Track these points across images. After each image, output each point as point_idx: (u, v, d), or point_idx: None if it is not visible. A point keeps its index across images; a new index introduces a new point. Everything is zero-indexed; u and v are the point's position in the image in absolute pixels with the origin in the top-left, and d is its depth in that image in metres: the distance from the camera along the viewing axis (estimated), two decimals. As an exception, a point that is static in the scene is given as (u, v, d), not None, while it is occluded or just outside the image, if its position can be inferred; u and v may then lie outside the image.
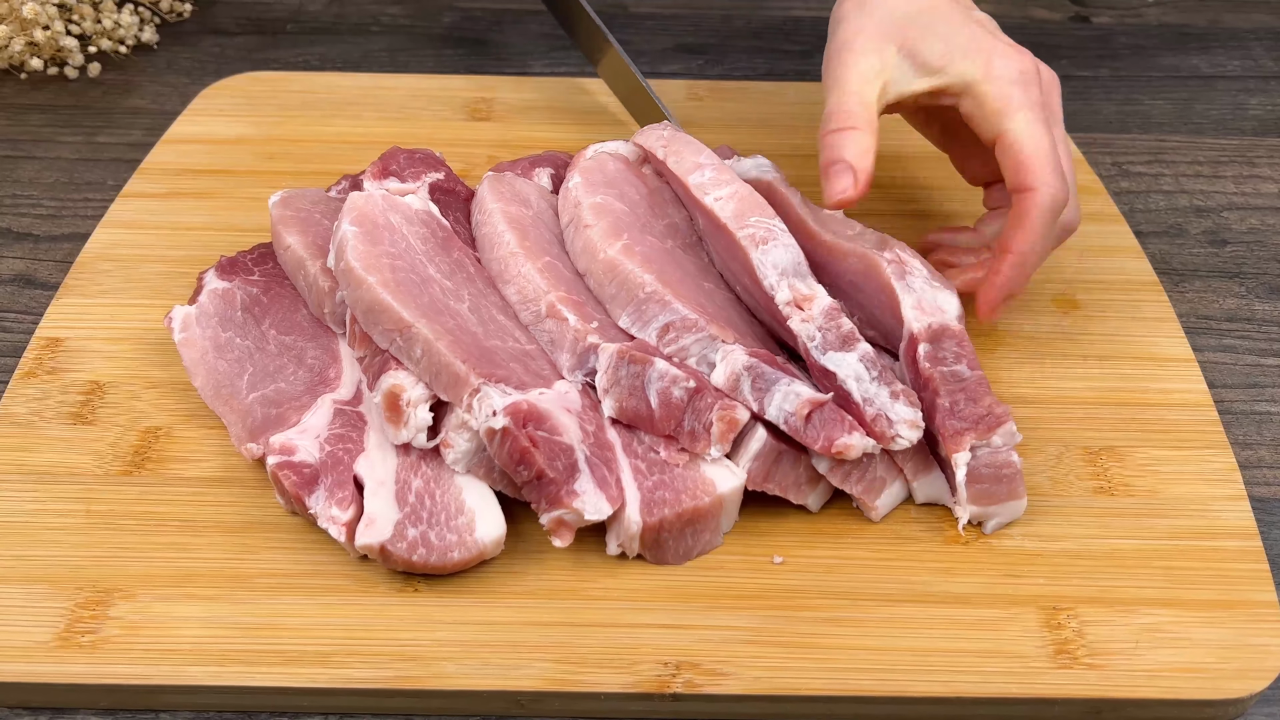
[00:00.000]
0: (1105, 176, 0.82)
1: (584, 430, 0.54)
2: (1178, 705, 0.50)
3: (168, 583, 0.53)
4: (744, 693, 0.50)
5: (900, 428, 0.53)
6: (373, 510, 0.52)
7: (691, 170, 0.62)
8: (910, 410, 0.54)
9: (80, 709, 0.51)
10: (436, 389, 0.54)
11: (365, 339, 0.56)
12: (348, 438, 0.55)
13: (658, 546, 0.53)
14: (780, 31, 1.00)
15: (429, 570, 0.52)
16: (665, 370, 0.54)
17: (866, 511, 0.56)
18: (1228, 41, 1.00)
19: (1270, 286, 0.74)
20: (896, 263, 0.58)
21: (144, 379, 0.62)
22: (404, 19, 1.00)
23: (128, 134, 0.85)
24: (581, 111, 0.84)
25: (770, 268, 0.57)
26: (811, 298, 0.57)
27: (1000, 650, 0.51)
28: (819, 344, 0.56)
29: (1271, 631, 0.52)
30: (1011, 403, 0.62)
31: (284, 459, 0.54)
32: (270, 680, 0.49)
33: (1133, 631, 0.52)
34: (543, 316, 0.58)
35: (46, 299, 0.69)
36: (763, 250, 0.57)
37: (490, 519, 0.53)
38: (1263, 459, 0.63)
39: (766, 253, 0.57)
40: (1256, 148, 0.86)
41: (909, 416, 0.54)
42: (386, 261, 0.56)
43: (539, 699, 0.50)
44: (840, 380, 0.54)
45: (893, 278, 0.57)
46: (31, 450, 0.58)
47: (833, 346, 0.55)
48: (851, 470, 0.54)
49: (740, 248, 0.58)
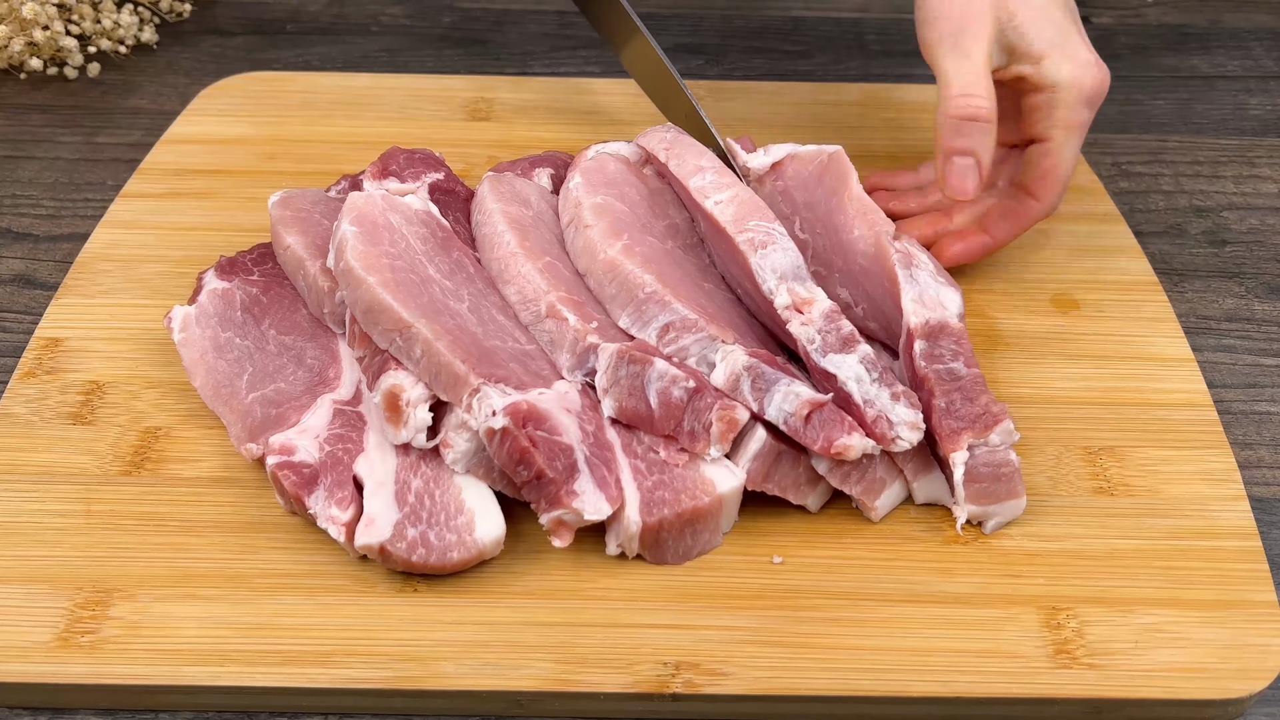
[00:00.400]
0: (1105, 176, 0.82)
1: (584, 430, 0.54)
2: (1178, 705, 0.50)
3: (167, 583, 0.53)
4: (744, 693, 0.50)
5: (901, 429, 0.53)
6: (372, 510, 0.52)
7: (692, 173, 0.62)
8: (911, 412, 0.54)
9: (80, 709, 0.51)
10: (436, 389, 0.54)
11: (365, 339, 0.56)
12: (347, 438, 0.55)
13: (657, 546, 0.53)
14: (780, 32, 1.00)
15: (429, 570, 0.52)
16: (665, 370, 0.54)
17: (866, 512, 0.56)
18: (1228, 41, 1.00)
19: (1270, 286, 0.74)
20: (904, 254, 0.58)
21: (144, 379, 0.62)
22: (404, 19, 1.00)
23: (127, 134, 0.85)
24: (581, 111, 0.84)
25: (769, 272, 0.57)
26: (811, 301, 0.57)
27: (1000, 650, 0.51)
28: (819, 346, 0.56)
29: (1271, 631, 0.52)
30: (1011, 403, 0.62)
31: (284, 459, 0.54)
32: (270, 680, 0.49)
33: (1133, 631, 0.52)
34: (543, 316, 0.58)
35: (46, 299, 0.69)
36: (761, 255, 0.58)
37: (490, 519, 0.53)
38: (1262, 459, 0.63)
39: (765, 257, 0.58)
40: (1256, 148, 0.86)
41: (909, 418, 0.54)
42: (386, 262, 0.56)
43: (539, 699, 0.50)
44: (841, 382, 0.54)
45: (898, 266, 0.57)
46: (31, 450, 0.58)
47: (833, 349, 0.55)
48: (851, 471, 0.54)
49: (739, 252, 0.58)
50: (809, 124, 0.83)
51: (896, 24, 1.02)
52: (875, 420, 0.53)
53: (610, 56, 0.95)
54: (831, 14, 1.03)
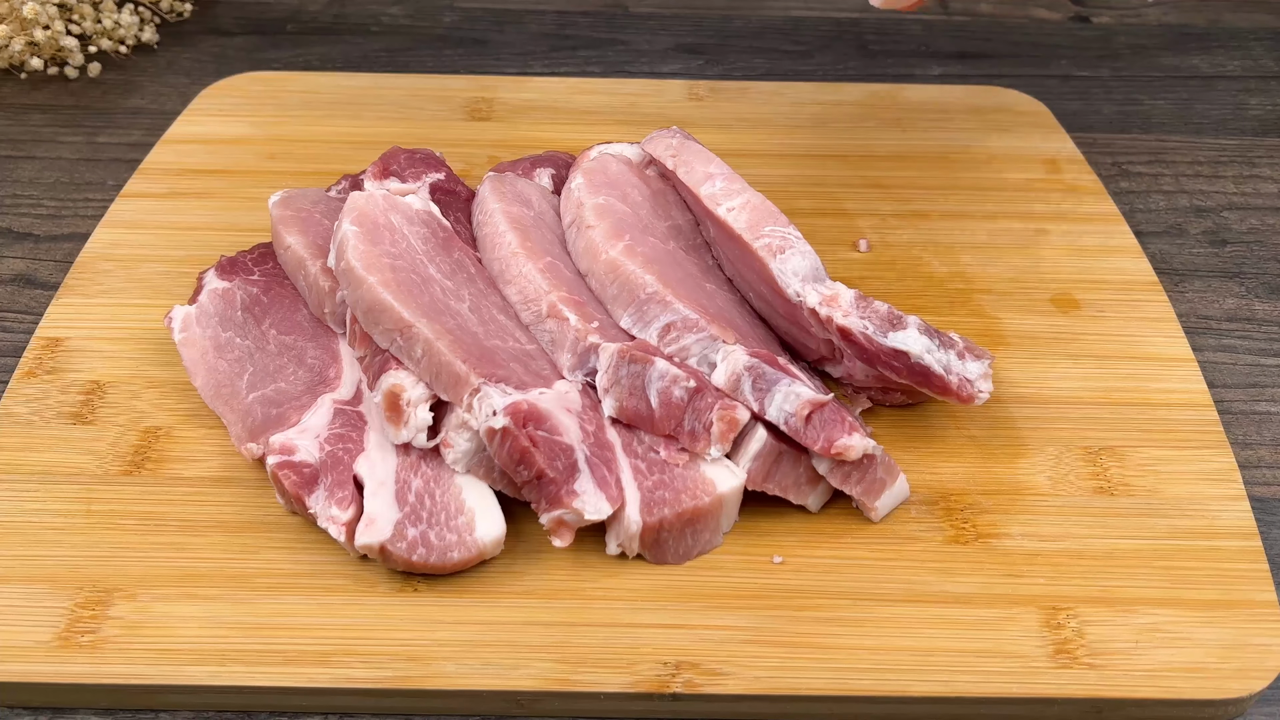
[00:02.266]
0: (1105, 176, 0.82)
1: (584, 430, 0.54)
2: (1178, 705, 0.50)
3: (168, 583, 0.53)
4: (744, 692, 0.50)
5: (980, 384, 0.54)
6: (373, 510, 0.52)
7: (702, 180, 0.62)
8: (979, 364, 0.54)
9: (80, 709, 0.51)
10: (437, 389, 0.54)
11: (365, 339, 0.56)
12: (348, 437, 0.55)
13: (658, 546, 0.53)
14: (780, 31, 1.00)
15: (429, 570, 0.52)
16: (666, 370, 0.54)
17: (866, 512, 0.56)
18: (1228, 41, 1.00)
19: (1270, 286, 0.74)
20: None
21: (144, 379, 0.62)
22: (404, 19, 1.00)
23: (128, 134, 0.85)
24: (581, 111, 0.84)
25: (791, 275, 0.57)
26: (836, 295, 0.57)
27: (1000, 650, 0.51)
28: (876, 330, 0.56)
29: (1271, 631, 0.52)
30: (1011, 403, 0.62)
31: (284, 459, 0.54)
32: (270, 680, 0.49)
33: (1133, 631, 0.52)
34: (544, 316, 0.58)
35: (47, 299, 0.69)
36: (781, 259, 0.58)
37: (490, 519, 0.53)
38: (1262, 459, 0.63)
39: (785, 261, 0.58)
40: (1256, 148, 0.86)
41: (981, 370, 0.54)
42: (387, 262, 0.56)
43: (539, 699, 0.50)
44: (915, 357, 0.54)
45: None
46: (32, 450, 0.58)
47: (889, 328, 0.55)
48: (851, 471, 0.54)
49: (757, 258, 0.58)
50: (809, 124, 0.83)
51: (896, 24, 1.02)
52: (960, 385, 0.53)
53: (611, 56, 0.95)
54: (831, 14, 1.03)
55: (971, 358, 0.54)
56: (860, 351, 0.56)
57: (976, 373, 0.53)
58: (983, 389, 0.54)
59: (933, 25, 1.02)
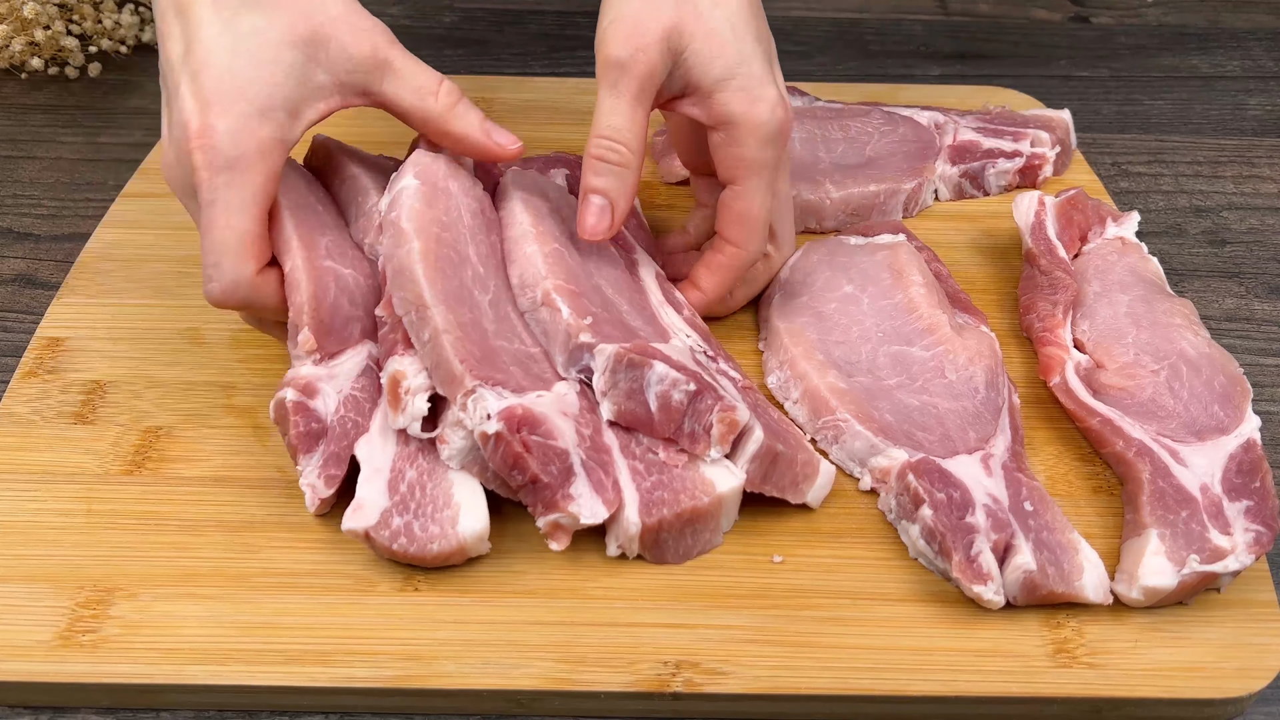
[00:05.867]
0: (1105, 176, 0.82)
1: (580, 434, 0.54)
2: (1177, 704, 0.50)
3: (168, 582, 0.53)
4: (744, 692, 0.50)
5: (987, 592, 0.52)
6: (363, 496, 0.52)
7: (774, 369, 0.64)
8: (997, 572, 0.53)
9: (80, 708, 0.51)
10: (435, 380, 0.54)
11: (389, 303, 0.55)
12: (360, 408, 0.55)
13: (657, 547, 0.53)
14: (780, 31, 1.00)
15: (409, 560, 0.52)
16: (665, 373, 0.54)
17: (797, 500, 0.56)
18: (1228, 41, 1.00)
19: (1270, 286, 0.74)
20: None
21: (145, 379, 0.62)
22: (404, 19, 1.00)
23: (128, 134, 0.85)
24: (582, 112, 0.84)
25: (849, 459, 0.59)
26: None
27: (1000, 650, 0.51)
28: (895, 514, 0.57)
29: (1271, 631, 0.52)
30: (1011, 402, 0.62)
31: (300, 400, 0.54)
32: (271, 679, 0.49)
33: (1132, 631, 0.52)
34: (538, 304, 0.57)
35: (47, 299, 0.69)
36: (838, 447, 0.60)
37: (474, 514, 0.52)
38: (1262, 459, 0.63)
39: (842, 447, 0.59)
40: (1256, 148, 0.87)
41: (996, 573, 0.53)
42: (435, 231, 0.55)
43: (539, 698, 0.50)
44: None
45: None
46: (32, 450, 0.58)
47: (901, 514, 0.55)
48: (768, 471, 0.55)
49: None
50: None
51: (896, 24, 1.02)
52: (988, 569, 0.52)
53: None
54: (831, 14, 1.03)
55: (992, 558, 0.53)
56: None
57: (992, 568, 0.52)
58: (989, 597, 0.52)
59: (933, 25, 1.02)
